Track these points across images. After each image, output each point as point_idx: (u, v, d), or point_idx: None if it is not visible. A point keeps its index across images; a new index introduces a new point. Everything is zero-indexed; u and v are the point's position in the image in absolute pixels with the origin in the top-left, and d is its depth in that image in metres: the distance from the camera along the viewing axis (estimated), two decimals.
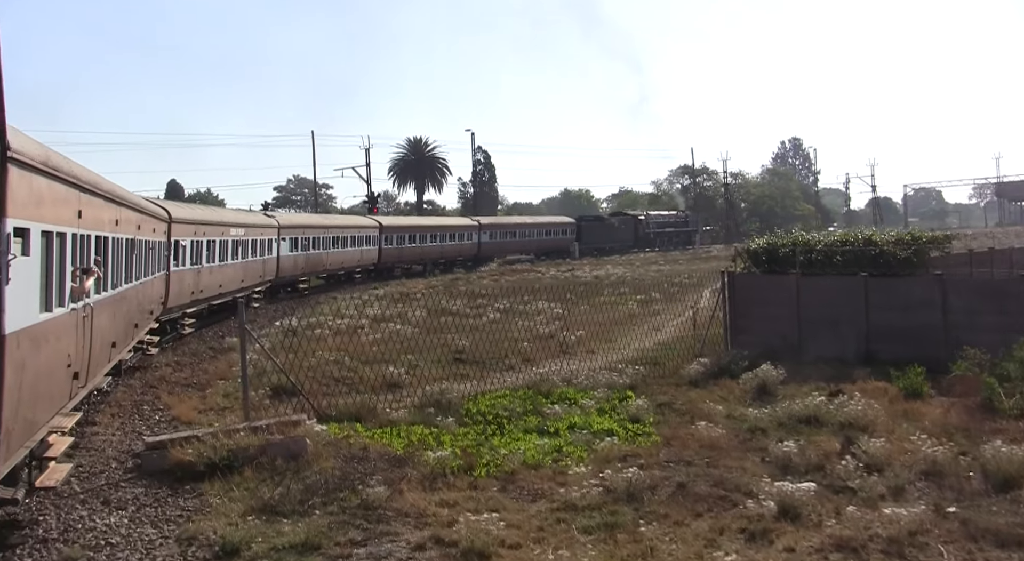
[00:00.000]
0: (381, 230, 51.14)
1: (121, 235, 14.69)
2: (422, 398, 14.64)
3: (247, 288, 30.93)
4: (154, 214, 19.75)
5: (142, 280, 17.46)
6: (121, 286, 14.75)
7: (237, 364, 17.56)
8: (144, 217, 17.94)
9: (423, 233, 57.50)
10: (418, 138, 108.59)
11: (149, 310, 19.17)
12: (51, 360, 9.53)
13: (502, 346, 18.02)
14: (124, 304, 15.17)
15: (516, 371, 17.56)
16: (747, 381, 15.40)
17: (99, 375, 13.48)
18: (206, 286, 25.13)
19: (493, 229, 68.79)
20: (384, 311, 26.60)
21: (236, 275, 28.91)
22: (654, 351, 19.31)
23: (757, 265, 20.71)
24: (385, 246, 51.37)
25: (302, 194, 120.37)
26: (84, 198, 11.26)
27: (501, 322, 21.57)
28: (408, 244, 54.90)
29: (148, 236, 18.39)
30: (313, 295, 38.22)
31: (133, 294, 16.25)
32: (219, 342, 23.94)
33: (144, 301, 18.09)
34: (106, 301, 13.14)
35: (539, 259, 71.14)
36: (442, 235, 60.53)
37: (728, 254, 70.94)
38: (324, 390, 15.28)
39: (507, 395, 15.17)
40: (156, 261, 19.71)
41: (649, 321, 22.92)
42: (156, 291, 20.05)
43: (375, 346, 19.80)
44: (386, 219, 57.33)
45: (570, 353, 19.27)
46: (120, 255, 14.72)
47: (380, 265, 50.81)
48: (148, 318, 19.23)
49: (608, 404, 14.46)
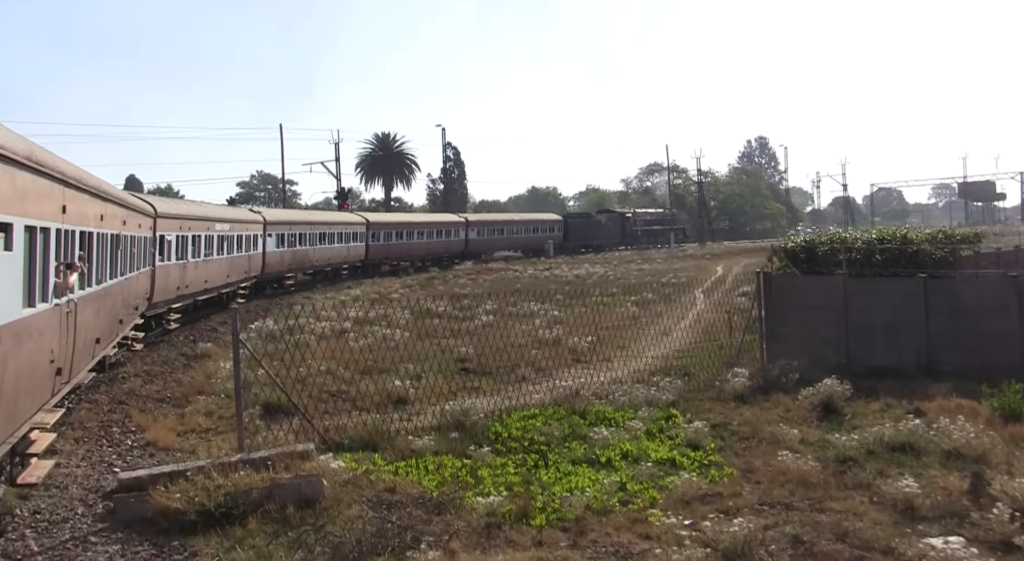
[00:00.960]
0: (368, 227, 50.84)
1: (106, 230, 14.56)
2: (440, 418, 12.62)
3: (232, 284, 30.63)
4: (139, 209, 19.56)
5: (127, 275, 17.29)
6: (106, 281, 14.63)
7: (215, 374, 16.62)
8: (129, 212, 17.78)
9: (411, 230, 57.17)
10: (386, 133, 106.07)
11: (134, 305, 18.99)
12: (34, 356, 9.48)
13: (508, 353, 16.04)
14: (108, 300, 15.06)
15: (531, 382, 15.67)
16: (808, 397, 13.40)
17: (82, 371, 13.41)
18: (191, 281, 24.87)
19: (481, 226, 68.61)
20: (367, 313, 25.31)
21: (222, 271, 28.64)
22: (677, 359, 17.58)
23: (795, 265, 18.97)
24: (372, 243, 51.05)
25: (266, 190, 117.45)
26: (68, 193, 11.18)
27: (496, 325, 19.94)
28: (396, 241, 54.58)
29: (133, 231, 18.22)
30: (287, 296, 36.45)
31: (118, 289, 16.10)
32: (192, 348, 21.60)
33: (129, 296, 17.91)
34: (90, 297, 13.04)
35: (527, 256, 71.27)
36: (429, 232, 60.27)
37: (703, 253, 72.03)
38: (323, 408, 13.37)
39: (537, 414, 13.21)
40: (141, 256, 19.49)
41: (653, 324, 21.06)
42: (141, 286, 19.85)
43: (367, 353, 17.99)
44: (373, 215, 56.96)
45: (584, 361, 17.47)
46: (105, 250, 14.57)
47: (367, 262, 50.46)
48: (133, 314, 19.06)
49: (654, 425, 12.58)
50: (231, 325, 11.05)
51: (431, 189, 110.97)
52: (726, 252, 72.05)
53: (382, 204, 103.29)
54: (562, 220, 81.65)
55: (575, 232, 79.86)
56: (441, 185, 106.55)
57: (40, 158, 9.49)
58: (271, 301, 33.38)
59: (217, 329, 25.25)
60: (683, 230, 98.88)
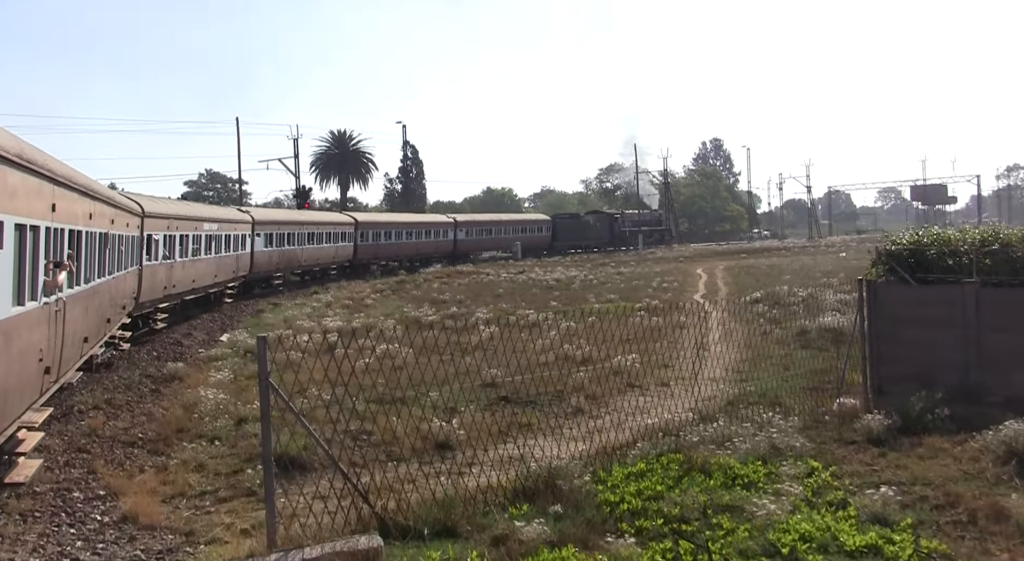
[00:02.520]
0: (357, 227, 51.00)
1: (95, 229, 14.58)
2: (516, 475, 9.17)
3: (220, 283, 30.71)
4: (127, 208, 19.57)
5: (115, 274, 17.32)
6: (94, 280, 14.64)
7: (195, 406, 13.65)
8: (117, 211, 17.79)
9: (399, 230, 57.42)
10: (342, 131, 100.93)
11: (121, 305, 19.00)
12: (22, 354, 9.43)
13: (541, 374, 13.64)
14: (96, 299, 15.05)
15: (590, 415, 12.81)
16: (994, 444, 10.09)
17: (71, 370, 13.36)
18: (179, 281, 24.92)
19: (469, 226, 68.96)
20: (349, 323, 23.57)
21: (209, 270, 28.68)
22: (745, 383, 14.57)
23: (904, 270, 15.82)
24: (361, 242, 51.22)
25: (215, 189, 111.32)
26: (58, 191, 11.16)
27: (506, 339, 16.20)
28: (384, 241, 54.78)
29: (121, 230, 18.23)
30: (252, 302, 34.03)
31: (106, 288, 16.10)
32: (157, 367, 18.45)
33: (116, 296, 17.92)
34: (78, 295, 13.01)
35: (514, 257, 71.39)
36: (418, 232, 60.52)
37: (674, 256, 70.58)
38: (348, 454, 10.06)
39: (646, 471, 9.76)
40: (129, 255, 19.53)
41: (682, 337, 19.67)
42: (129, 286, 19.86)
43: (372, 376, 14.30)
44: (362, 215, 57.16)
45: (639, 385, 14.60)
46: (93, 249, 14.61)
47: (356, 262, 50.64)
48: (120, 313, 19.05)
49: (805, 486, 9.17)
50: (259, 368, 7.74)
51: (388, 189, 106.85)
52: (696, 255, 70.77)
53: (336, 204, 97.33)
54: (550, 221, 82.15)
55: (563, 233, 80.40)
56: (399, 185, 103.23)
57: (30, 156, 9.48)
58: (236, 308, 31.67)
59: (183, 342, 22.99)
60: (669, 231, 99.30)
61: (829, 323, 18.97)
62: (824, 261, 49.61)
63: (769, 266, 46.97)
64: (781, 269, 43.15)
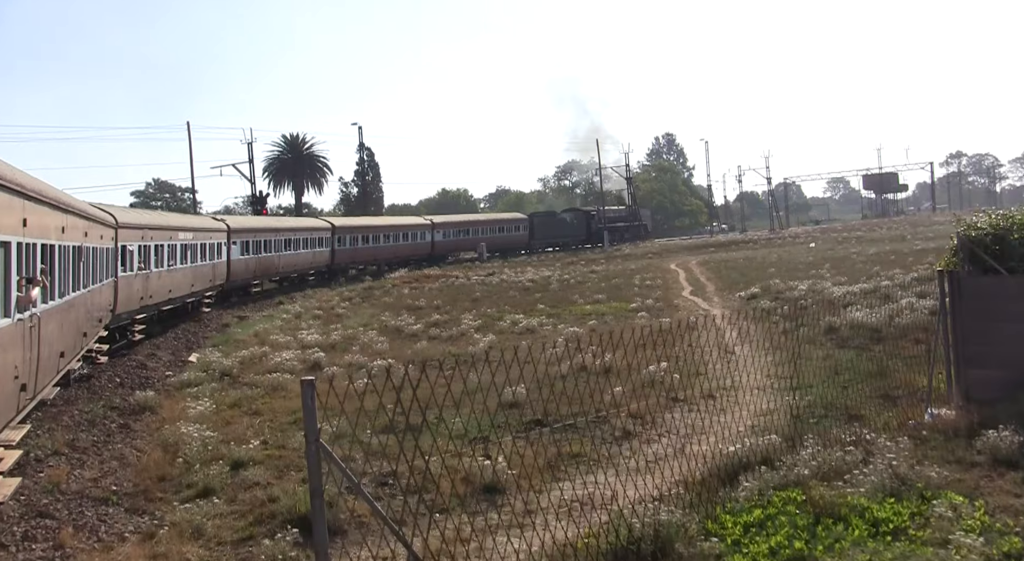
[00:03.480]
0: (334, 231, 50.84)
1: (68, 242, 14.43)
2: (619, 536, 7.00)
3: (197, 293, 30.49)
4: (101, 220, 19.38)
5: (90, 288, 17.15)
6: (69, 294, 14.50)
7: (174, 446, 11.47)
8: (91, 223, 17.61)
9: (376, 233, 57.32)
10: (295, 135, 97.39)
11: (98, 318, 18.82)
12: None
13: (574, 391, 11.26)
14: (72, 313, 14.90)
15: (642, 438, 11.07)
16: None
17: (47, 386, 13.21)
18: (155, 291, 24.72)
19: (446, 228, 68.91)
20: (326, 336, 22.49)
21: (186, 280, 28.46)
22: (805, 392, 12.35)
23: (979, 261, 13.64)
24: (338, 247, 51.06)
25: (163, 198, 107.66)
26: (29, 206, 11.03)
27: (509, 347, 13.54)
28: (362, 245, 54.63)
29: (95, 242, 18.06)
30: (217, 316, 31.69)
31: (81, 302, 15.94)
32: (123, 396, 15.97)
33: (92, 309, 17.75)
34: (53, 310, 12.87)
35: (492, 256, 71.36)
36: (395, 235, 60.45)
37: (639, 252, 68.90)
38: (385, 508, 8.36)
39: (768, 519, 7.75)
40: (104, 267, 19.35)
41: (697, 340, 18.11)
42: (104, 298, 19.67)
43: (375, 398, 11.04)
44: (339, 220, 56.99)
45: (682, 400, 12.47)
46: (67, 263, 14.46)
47: (333, 267, 50.47)
48: (97, 326, 18.88)
49: (966, 529, 7.26)
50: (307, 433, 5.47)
51: (344, 193, 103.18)
52: (664, 250, 69.43)
53: (290, 210, 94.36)
54: (528, 219, 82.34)
55: (541, 231, 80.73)
56: (355, 188, 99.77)
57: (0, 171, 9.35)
58: (198, 326, 28.87)
59: (147, 365, 20.38)
60: (645, 227, 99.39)
61: (860, 319, 17.26)
62: (799, 252, 49.36)
63: (745, 260, 46.37)
64: (759, 262, 42.82)
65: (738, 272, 37.35)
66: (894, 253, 40.46)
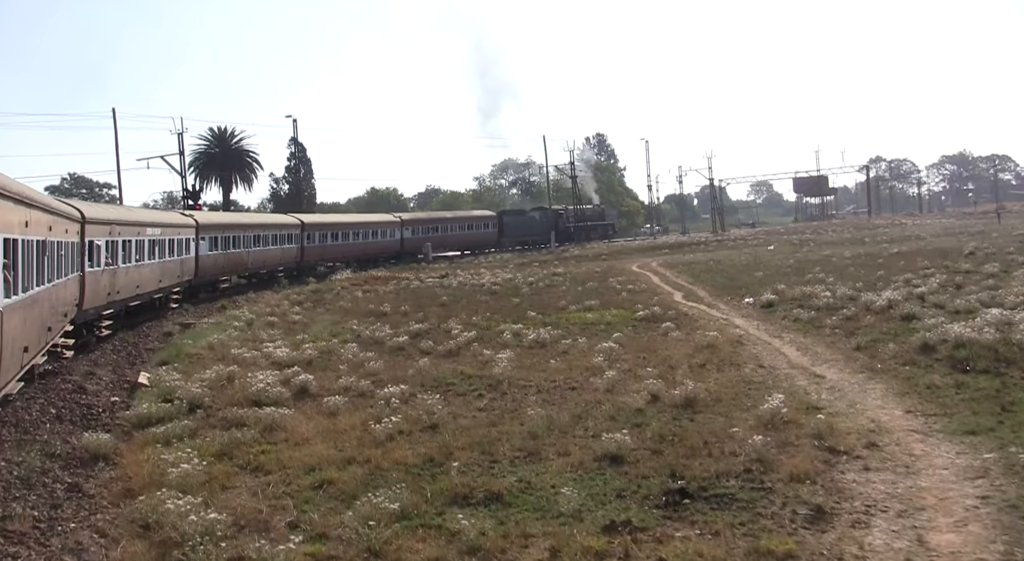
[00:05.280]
0: (303, 228, 50.68)
1: (31, 237, 14.35)
2: None
3: (165, 289, 30.33)
4: (66, 214, 19.24)
5: (55, 282, 17.04)
6: (32, 289, 14.41)
7: (158, 528, 8.02)
8: (56, 218, 17.50)
9: (346, 230, 57.24)
10: (223, 128, 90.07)
11: (63, 313, 18.69)
12: None
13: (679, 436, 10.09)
14: (36, 308, 14.82)
15: (848, 520, 7.63)
16: None
17: (11, 381, 13.16)
18: (122, 287, 24.57)
19: (415, 225, 69.03)
20: (299, 351, 19.64)
21: (153, 275, 28.31)
22: (997, 438, 9.61)
23: None
24: (307, 244, 50.90)
25: (80, 194, 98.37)
26: None
27: (534, 365, 14.60)
28: (331, 242, 54.53)
29: (60, 237, 17.94)
30: (157, 324, 27.70)
31: (45, 297, 15.85)
32: (65, 438, 12.28)
33: (58, 304, 17.64)
34: (16, 305, 12.82)
35: (463, 255, 71.42)
36: (364, 232, 60.35)
37: (592, 253, 65.02)
38: None
39: None
40: (69, 262, 19.22)
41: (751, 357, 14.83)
42: (70, 293, 19.54)
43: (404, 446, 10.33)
44: (308, 217, 56.74)
45: (838, 449, 9.57)
46: (31, 257, 14.37)
47: (303, 264, 50.30)
48: (62, 321, 18.75)
49: None
50: None
51: (275, 189, 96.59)
52: (613, 252, 66.16)
53: (218, 207, 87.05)
54: (497, 217, 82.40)
55: (510, 229, 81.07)
56: (286, 185, 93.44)
57: None
58: (140, 338, 24.53)
59: (86, 387, 16.41)
60: (613, 226, 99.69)
61: (970, 336, 14.31)
62: (764, 255, 47.77)
63: (711, 262, 44.44)
64: (732, 265, 40.64)
65: (722, 276, 35.08)
66: (872, 256, 38.64)
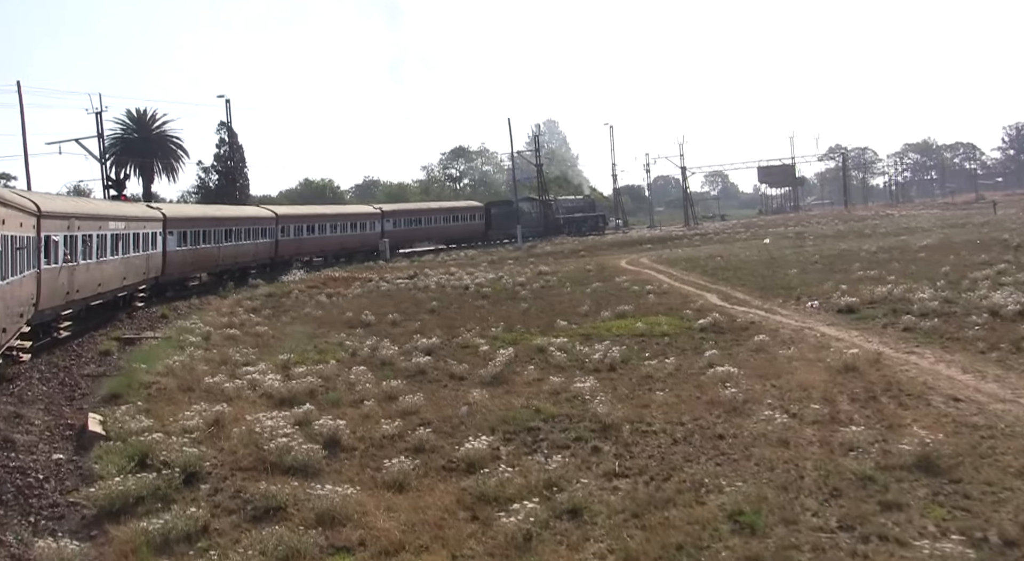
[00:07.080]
0: (277, 221, 49.11)
1: None
2: None
3: (129, 286, 28.92)
4: (20, 207, 18.01)
5: (8, 280, 15.93)
6: None
7: None
8: (8, 210, 16.32)
9: (323, 223, 55.65)
10: (142, 111, 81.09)
11: (18, 312, 17.50)
12: None
13: None
14: None
15: None
16: None
17: None
18: (83, 285, 23.22)
19: (397, 216, 67.39)
20: (288, 378, 15.55)
21: (117, 273, 26.90)
22: None
23: None
24: (282, 238, 49.36)
25: None
26: None
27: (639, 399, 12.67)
28: (307, 235, 52.98)
29: (14, 231, 16.76)
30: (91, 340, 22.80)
31: None
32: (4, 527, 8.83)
33: (12, 303, 16.51)
34: None
35: (448, 248, 69.93)
36: (343, 225, 58.74)
37: (565, 249, 60.31)
38: None
39: None
40: (24, 259, 18.04)
41: (908, 379, 13.08)
42: (26, 292, 18.30)
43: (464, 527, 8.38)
44: (282, 209, 55.12)
45: None
46: None
47: (277, 258, 48.71)
48: (18, 321, 17.57)
49: None
50: None
51: (203, 180, 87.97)
52: (588, 248, 61.22)
53: (137, 199, 79.37)
54: (484, 208, 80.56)
55: (498, 221, 78.95)
56: (215, 174, 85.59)
57: None
58: (68, 354, 20.55)
59: (13, 438, 12.00)
60: (604, 217, 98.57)
61: None
62: (766, 249, 44.60)
63: (720, 258, 39.20)
64: (744, 261, 37.17)
65: (746, 274, 30.93)
66: (901, 250, 35.41)
